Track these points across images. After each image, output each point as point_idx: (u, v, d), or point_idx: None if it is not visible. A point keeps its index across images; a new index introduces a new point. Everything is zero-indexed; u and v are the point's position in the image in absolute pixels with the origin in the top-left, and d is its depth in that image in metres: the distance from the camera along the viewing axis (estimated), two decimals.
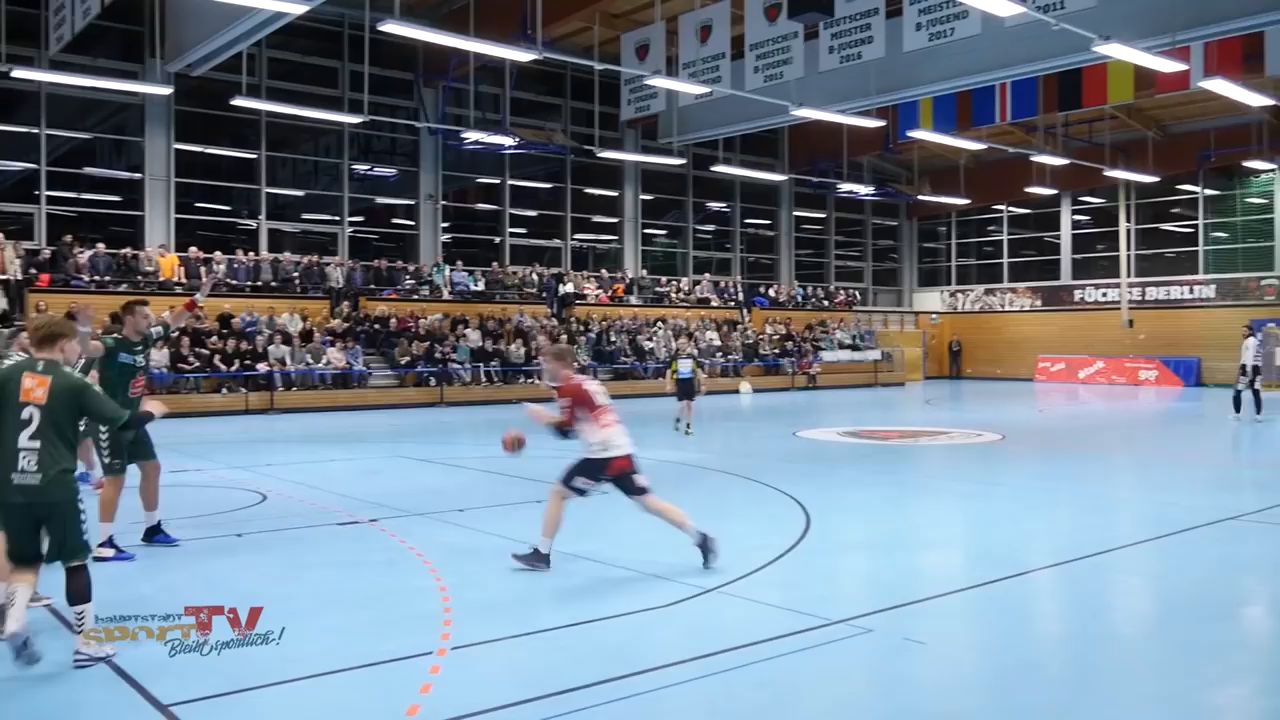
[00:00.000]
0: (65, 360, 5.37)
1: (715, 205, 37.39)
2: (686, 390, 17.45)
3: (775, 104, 22.07)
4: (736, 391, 30.06)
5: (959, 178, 37.24)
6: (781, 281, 38.60)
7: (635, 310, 32.00)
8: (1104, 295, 37.40)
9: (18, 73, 20.16)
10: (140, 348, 8.01)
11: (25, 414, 5.05)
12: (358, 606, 6.35)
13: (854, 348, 35.98)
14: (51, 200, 24.26)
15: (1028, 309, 39.68)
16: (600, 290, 31.93)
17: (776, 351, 33.21)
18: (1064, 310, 38.36)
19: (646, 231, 35.21)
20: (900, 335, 40.11)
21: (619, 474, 7.24)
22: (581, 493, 7.35)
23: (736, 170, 33.23)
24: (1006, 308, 40.44)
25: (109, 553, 7.48)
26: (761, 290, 36.86)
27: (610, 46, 25.94)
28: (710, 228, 37.62)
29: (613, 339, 29.39)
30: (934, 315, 42.39)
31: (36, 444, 5.03)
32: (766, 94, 21.92)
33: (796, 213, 39.56)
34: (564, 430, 7.33)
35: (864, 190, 37.81)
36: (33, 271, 22.02)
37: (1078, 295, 38.30)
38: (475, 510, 9.59)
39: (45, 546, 5.21)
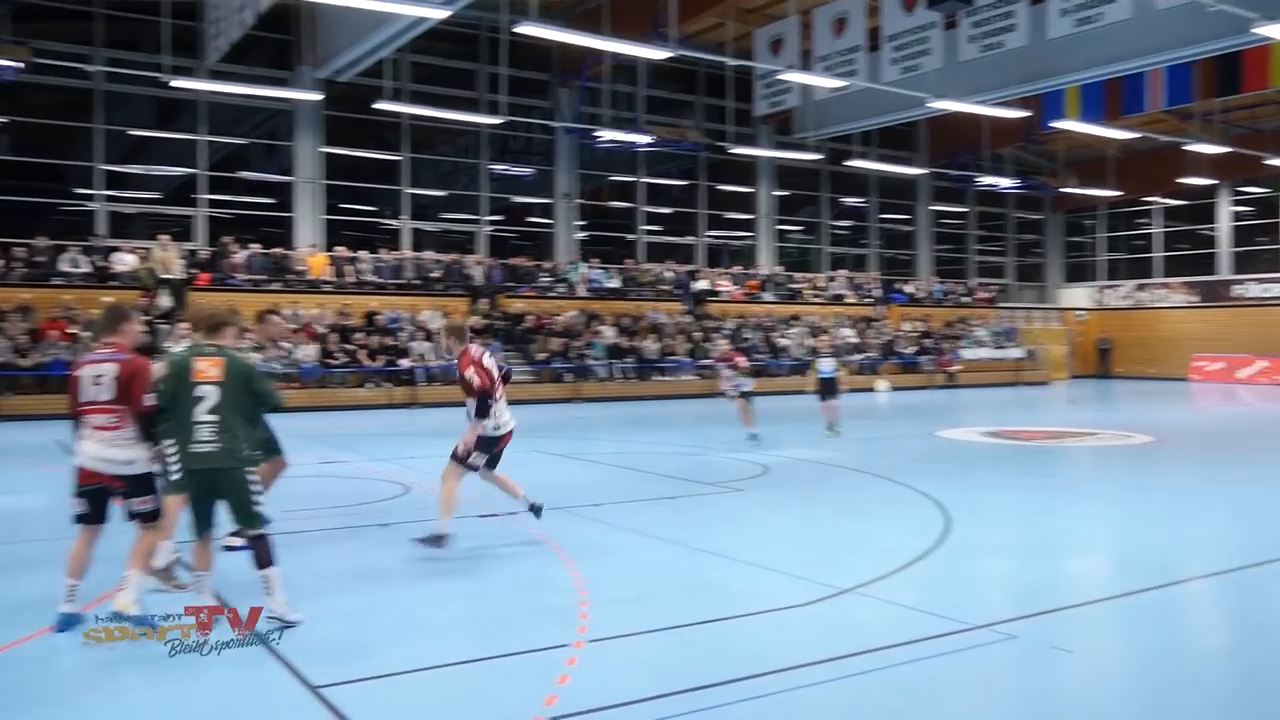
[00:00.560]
0: (229, 345, 5.82)
1: (851, 200, 36.84)
2: (829, 389, 16.69)
3: (913, 96, 21.63)
4: (872, 390, 29.56)
5: (1107, 169, 35.78)
6: (920, 277, 37.80)
7: (769, 307, 31.80)
8: (1266, 290, 35.40)
9: (178, 83, 21.33)
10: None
11: (200, 392, 5.52)
12: (497, 597, 6.49)
13: (995, 345, 34.98)
14: (210, 203, 25.53)
15: (1182, 305, 37.88)
16: (734, 287, 31.85)
17: (914, 349, 32.55)
18: (1222, 306, 36.45)
19: (781, 228, 34.92)
20: (1044, 332, 38.74)
21: (502, 449, 7.50)
22: (474, 469, 7.63)
23: (873, 164, 32.67)
24: (1159, 304, 38.70)
25: (238, 541, 7.76)
26: (899, 286, 36.16)
27: (744, 42, 25.84)
28: (846, 223, 37.10)
29: (747, 335, 29.26)
30: (1079, 312, 40.86)
31: (215, 418, 5.52)
32: (904, 86, 21.52)
33: (935, 207, 38.68)
34: (486, 399, 7.41)
35: (1006, 183, 36.64)
36: (193, 271, 23.19)
37: (1237, 290, 36.35)
38: (610, 505, 9.68)
39: (223, 515, 5.80)
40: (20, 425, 18.14)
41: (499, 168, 29.94)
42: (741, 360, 16.48)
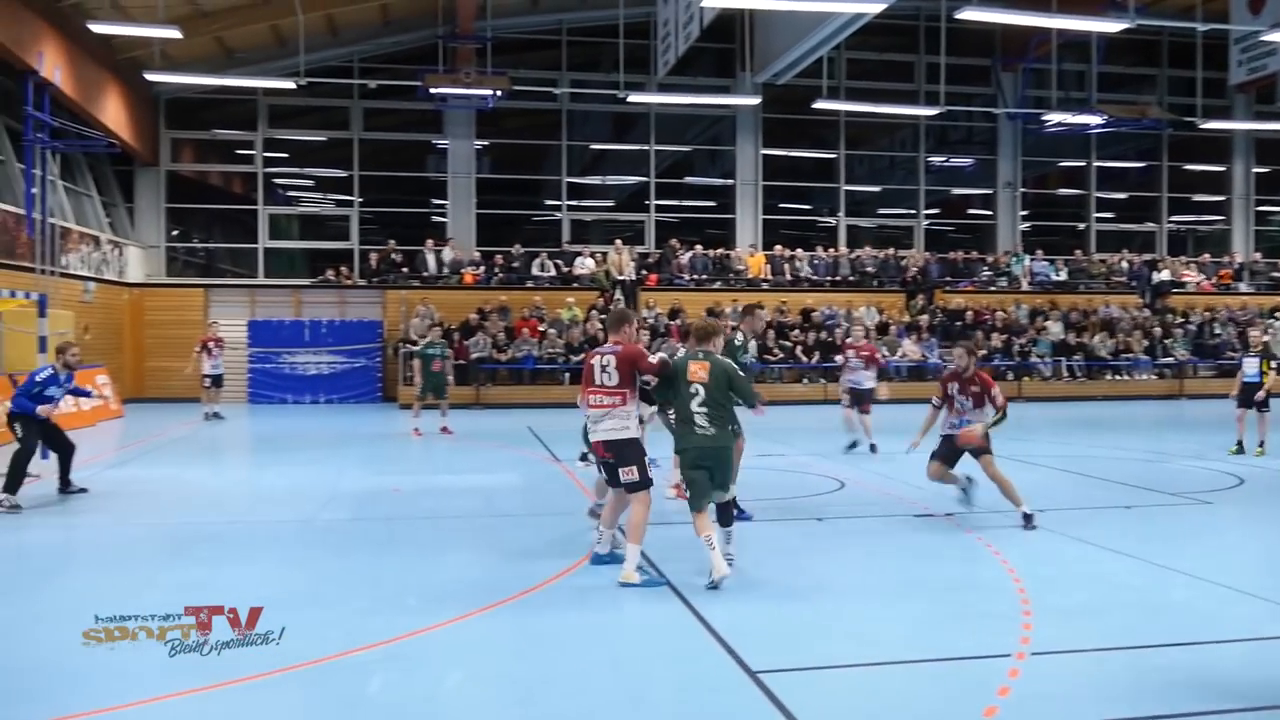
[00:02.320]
0: (716, 350, 7.06)
1: None
2: (1248, 397, 13.46)
3: None
4: None
5: None
6: None
7: (1245, 299, 28.33)
8: None
9: (633, 98, 23.04)
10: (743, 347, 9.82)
11: (693, 389, 6.78)
12: (934, 599, 6.33)
13: None
14: (658, 209, 27.23)
15: None
16: (1202, 277, 28.75)
17: None
18: None
19: (1260, 209, 31.06)
20: None
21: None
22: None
23: None
24: None
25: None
26: None
27: (1216, 3, 23.28)
28: None
29: (1217, 331, 26.31)
30: None
31: (705, 409, 6.76)
32: None
33: None
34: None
35: None
36: (643, 272, 24.90)
37: None
38: (1055, 511, 9.10)
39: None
40: (496, 413, 20.40)
41: (937, 159, 29.25)
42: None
